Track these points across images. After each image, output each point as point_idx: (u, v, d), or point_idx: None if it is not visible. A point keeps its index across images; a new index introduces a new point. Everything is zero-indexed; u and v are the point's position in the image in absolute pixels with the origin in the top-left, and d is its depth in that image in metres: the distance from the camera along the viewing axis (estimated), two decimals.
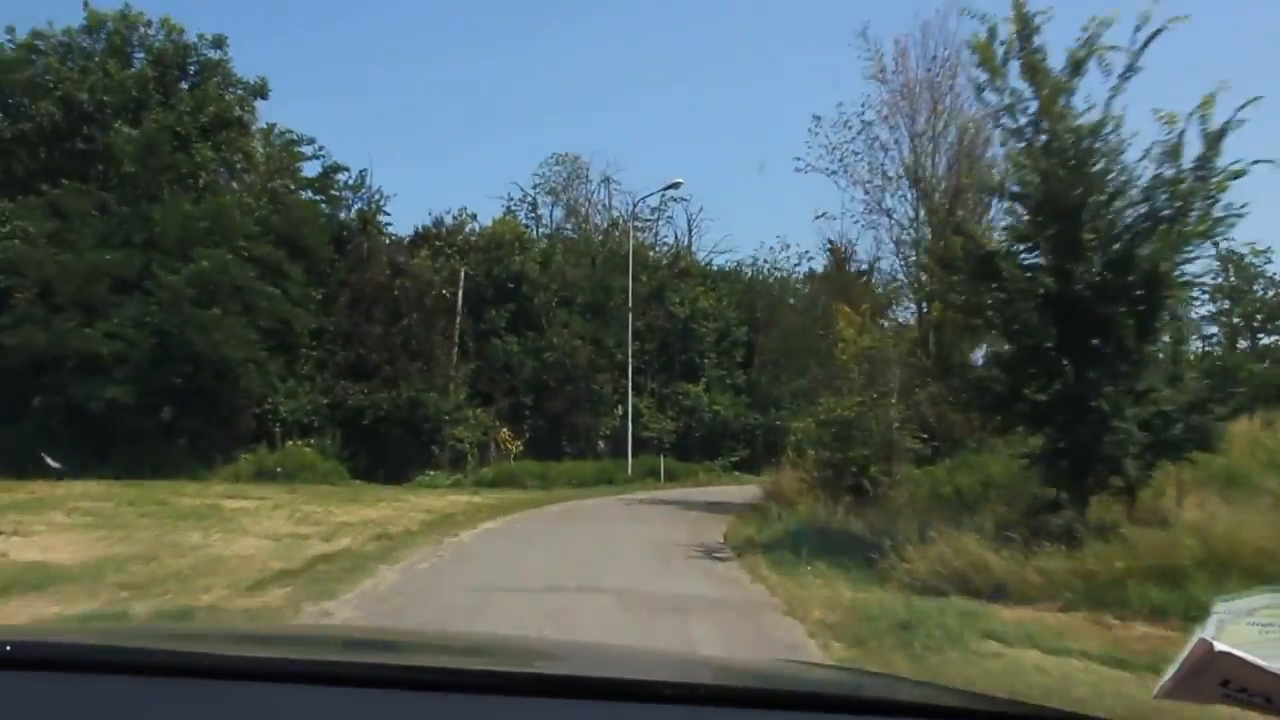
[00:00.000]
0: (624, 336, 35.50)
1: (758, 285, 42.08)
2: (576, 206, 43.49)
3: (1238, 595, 1.33)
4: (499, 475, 31.77)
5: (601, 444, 36.39)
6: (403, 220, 57.04)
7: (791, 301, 40.73)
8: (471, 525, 17.48)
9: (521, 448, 34.63)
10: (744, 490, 31.70)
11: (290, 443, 30.37)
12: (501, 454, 34.35)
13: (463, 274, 35.60)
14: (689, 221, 45.18)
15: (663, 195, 43.29)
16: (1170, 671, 1.21)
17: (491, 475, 31.82)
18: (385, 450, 31.83)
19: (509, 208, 41.46)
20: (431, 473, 31.75)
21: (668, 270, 40.41)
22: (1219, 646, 1.16)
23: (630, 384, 34.86)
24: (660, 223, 43.74)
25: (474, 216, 38.73)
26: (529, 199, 43.07)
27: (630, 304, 35.02)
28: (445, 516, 19.07)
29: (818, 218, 21.51)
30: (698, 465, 37.04)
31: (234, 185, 33.01)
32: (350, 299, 33.08)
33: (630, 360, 34.97)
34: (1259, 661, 1.14)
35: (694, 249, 44.81)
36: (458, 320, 34.92)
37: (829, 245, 46.33)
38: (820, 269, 45.28)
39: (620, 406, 36.06)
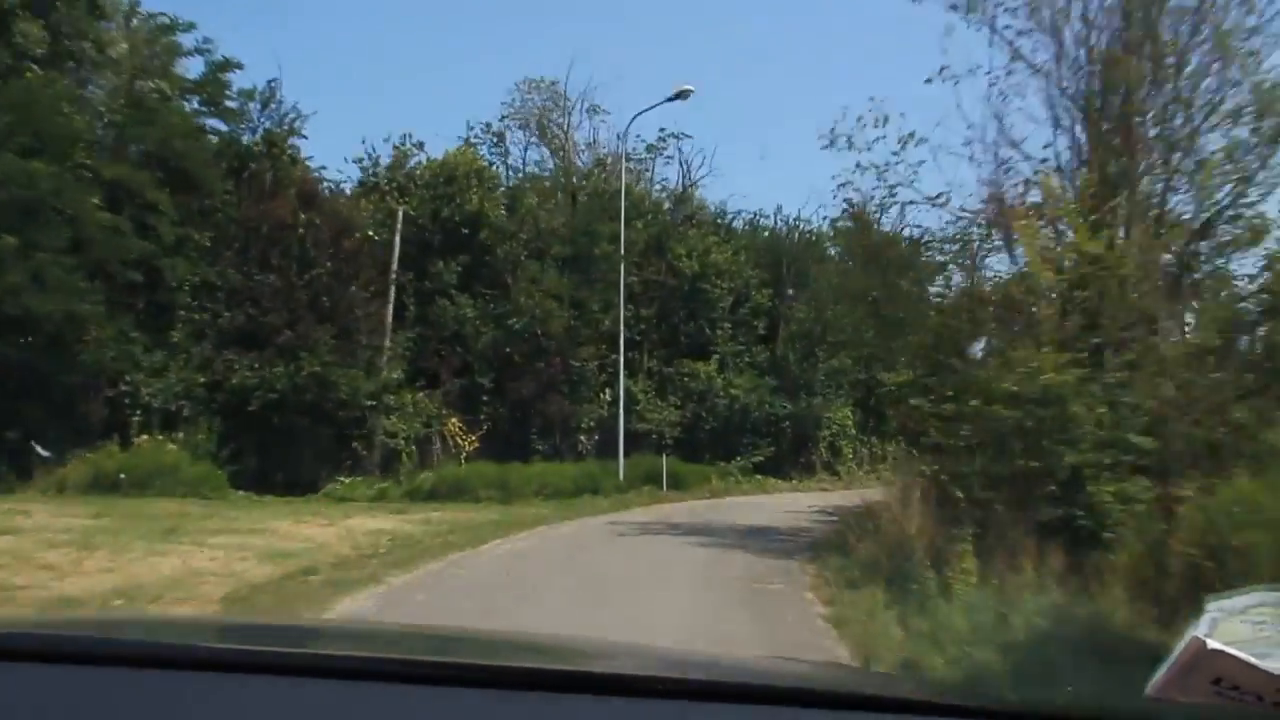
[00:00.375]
0: (614, 298, 26.79)
1: (781, 241, 33.29)
2: (552, 135, 34.48)
3: (1231, 594, 1.35)
4: (442, 483, 23.09)
5: (584, 440, 27.66)
6: (330, 155, 46.10)
7: (833, 256, 32.12)
8: (324, 600, 8.80)
9: (476, 444, 25.94)
10: (781, 504, 23.10)
11: (145, 438, 21.56)
12: (450, 453, 25.66)
13: (400, 214, 26.86)
14: (688, 172, 36.29)
15: (662, 132, 34.45)
16: (1163, 669, 1.23)
17: (432, 483, 23.13)
18: (287, 448, 23.08)
19: (468, 140, 32.53)
20: (346, 479, 23.03)
21: (670, 215, 31.55)
22: (1212, 644, 1.17)
23: (622, 360, 26.20)
24: (658, 163, 34.77)
25: (420, 146, 29.94)
26: (494, 131, 34.10)
27: (623, 252, 26.23)
28: (294, 575, 10.37)
29: (930, 80, 12.33)
30: (709, 467, 28.35)
31: (85, 87, 24.20)
32: (243, 242, 24.33)
33: (623, 329, 26.30)
34: (1251, 659, 1.14)
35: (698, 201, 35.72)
36: (393, 274, 26.19)
37: (849, 208, 37.64)
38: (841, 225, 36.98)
39: (609, 390, 27.40)
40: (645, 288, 29.19)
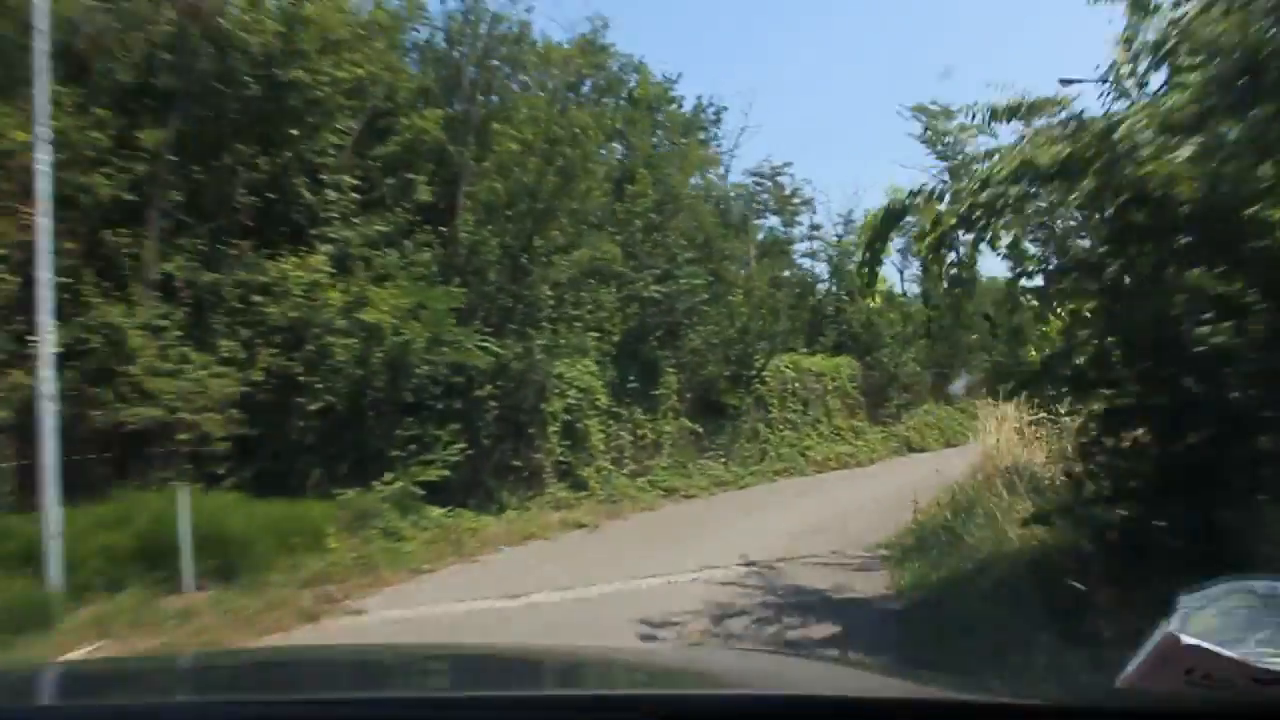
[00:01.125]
0: (20, 86, 9.63)
1: (464, 32, 16.91)
2: None
3: (1200, 587, 1.33)
4: None
5: None
6: None
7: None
8: None
9: None
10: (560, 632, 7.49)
11: None
12: None
13: None
14: None
15: None
16: (1134, 663, 1.24)
17: None
18: None
19: None
20: None
21: None
22: (1186, 640, 1.18)
23: (49, 244, 9.32)
24: None
25: None
26: None
27: None
28: None
29: None
30: (321, 504, 11.94)
31: None
32: None
33: (45, 152, 9.37)
34: (1221, 650, 1.15)
35: None
36: None
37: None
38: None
39: (23, 321, 10.22)
40: (147, 71, 11.92)
